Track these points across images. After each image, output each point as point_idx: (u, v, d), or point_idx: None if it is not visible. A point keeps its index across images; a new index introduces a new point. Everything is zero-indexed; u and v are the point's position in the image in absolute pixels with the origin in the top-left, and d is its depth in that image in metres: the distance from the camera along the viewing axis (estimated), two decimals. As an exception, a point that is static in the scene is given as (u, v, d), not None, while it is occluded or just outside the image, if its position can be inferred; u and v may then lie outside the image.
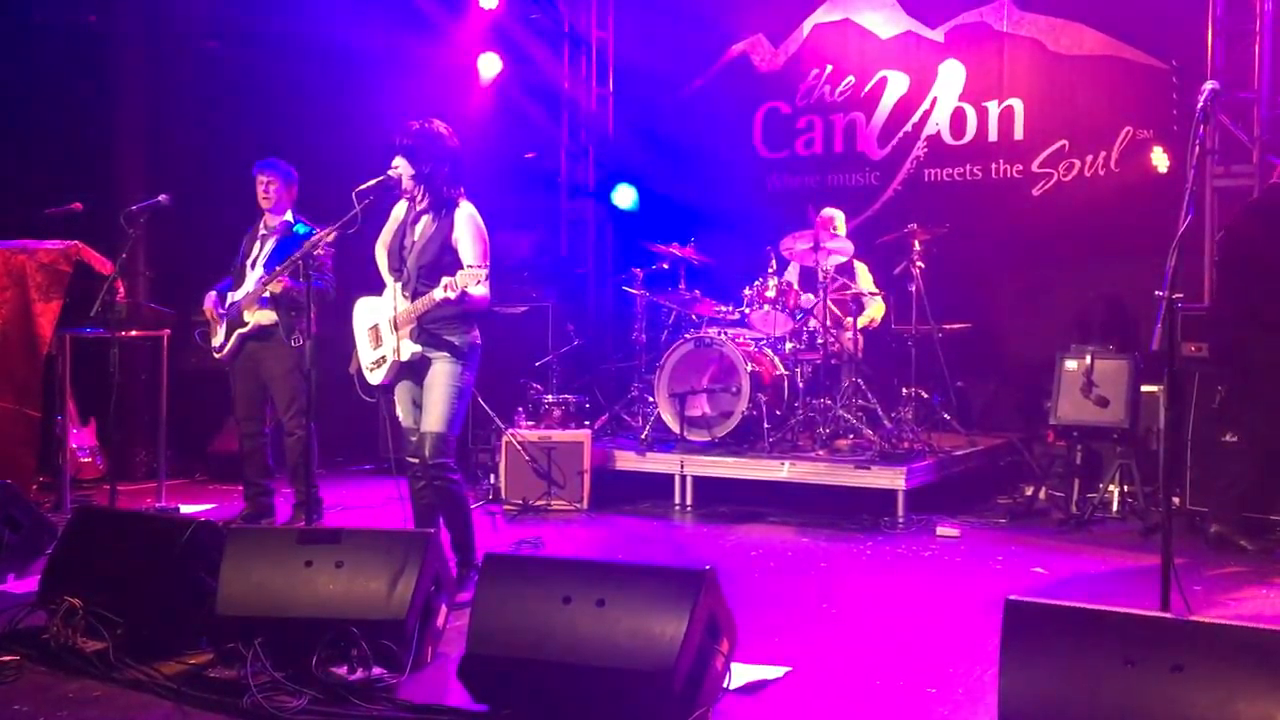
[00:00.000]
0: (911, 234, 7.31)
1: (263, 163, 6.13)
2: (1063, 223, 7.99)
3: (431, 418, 4.63)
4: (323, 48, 8.40)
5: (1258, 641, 2.74)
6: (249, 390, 6.14)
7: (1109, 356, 6.56)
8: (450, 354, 4.65)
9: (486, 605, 3.47)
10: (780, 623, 4.48)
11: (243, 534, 4.03)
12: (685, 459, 7.03)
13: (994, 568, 5.49)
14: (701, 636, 3.33)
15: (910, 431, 7.00)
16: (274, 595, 3.76)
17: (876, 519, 6.44)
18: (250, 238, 6.17)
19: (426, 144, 4.63)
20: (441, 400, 4.63)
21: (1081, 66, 8.02)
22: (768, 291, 7.28)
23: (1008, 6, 8.26)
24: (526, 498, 6.89)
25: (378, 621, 3.67)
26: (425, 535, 3.89)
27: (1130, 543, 5.96)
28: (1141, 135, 7.76)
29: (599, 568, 3.53)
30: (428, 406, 4.65)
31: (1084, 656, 2.82)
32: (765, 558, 5.71)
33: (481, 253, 4.63)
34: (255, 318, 6.00)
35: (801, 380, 7.33)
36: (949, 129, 8.52)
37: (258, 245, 6.12)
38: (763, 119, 9.24)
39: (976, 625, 4.32)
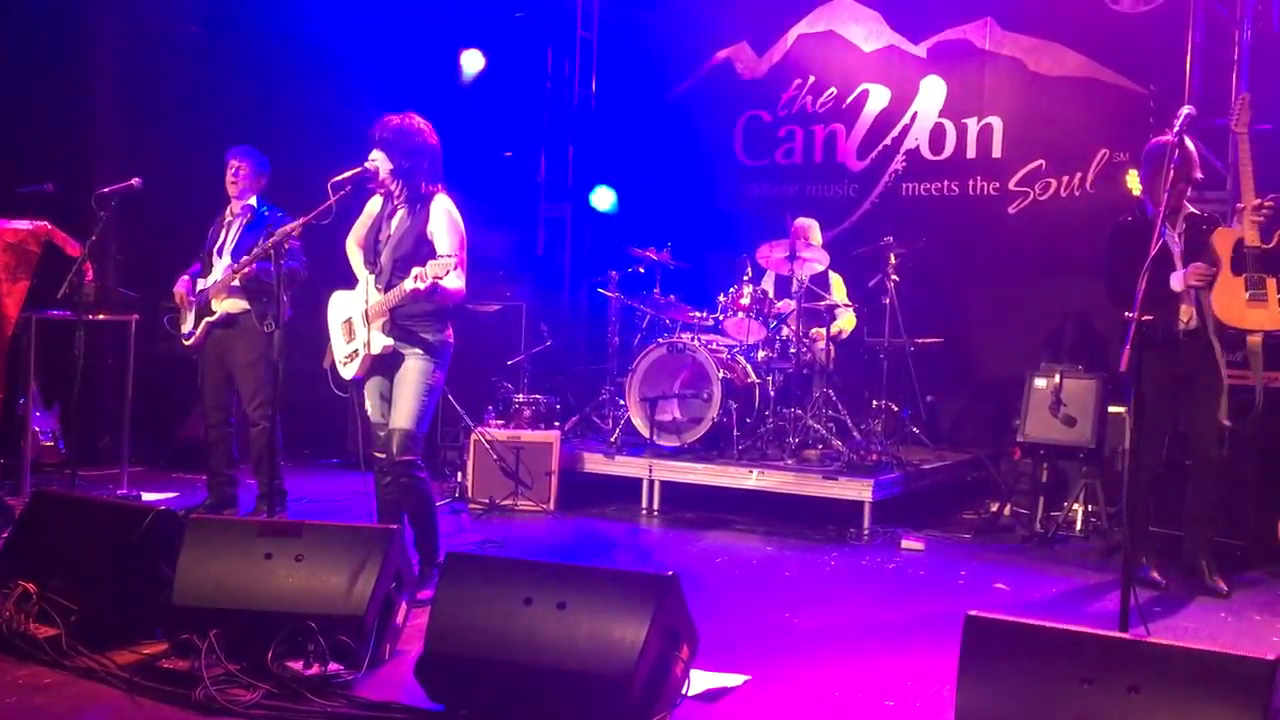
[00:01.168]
0: (887, 247, 7.34)
1: (235, 148, 6.10)
2: (1037, 241, 8.04)
3: (400, 414, 4.60)
4: (304, 38, 8.35)
5: (1213, 664, 2.76)
6: (216, 379, 6.09)
7: (1077, 376, 6.60)
8: (423, 350, 4.63)
9: (446, 604, 3.45)
10: (742, 631, 4.47)
11: (202, 524, 3.99)
12: (654, 463, 7.02)
13: (956, 583, 5.51)
14: (661, 642, 3.32)
15: (879, 444, 7.01)
16: (232, 587, 3.73)
17: (842, 530, 6.45)
18: (217, 224, 6.13)
19: (405, 138, 4.62)
20: (411, 397, 4.60)
21: (1061, 87, 8.07)
22: (742, 299, 7.29)
23: (990, 25, 8.31)
24: (493, 497, 6.86)
25: (336, 616, 3.64)
26: (387, 531, 3.87)
27: (1092, 562, 6.00)
28: (1118, 158, 7.81)
29: (561, 570, 3.51)
30: (397, 403, 4.62)
31: (1041, 674, 2.84)
32: (730, 565, 5.71)
33: (456, 244, 4.59)
34: (223, 306, 5.96)
35: (773, 389, 7.34)
36: (928, 144, 8.55)
37: (224, 232, 6.07)
38: (744, 126, 9.25)
39: (937, 639, 4.32)
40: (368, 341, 4.60)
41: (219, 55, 8.42)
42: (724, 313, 7.41)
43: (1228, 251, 4.95)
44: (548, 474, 6.91)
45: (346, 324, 4.73)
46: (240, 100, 8.20)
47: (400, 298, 4.50)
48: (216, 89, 8.31)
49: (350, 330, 4.72)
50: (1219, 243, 4.98)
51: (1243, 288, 4.91)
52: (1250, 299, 4.90)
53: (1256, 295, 4.89)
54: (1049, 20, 8.05)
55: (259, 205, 6.06)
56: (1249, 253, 4.89)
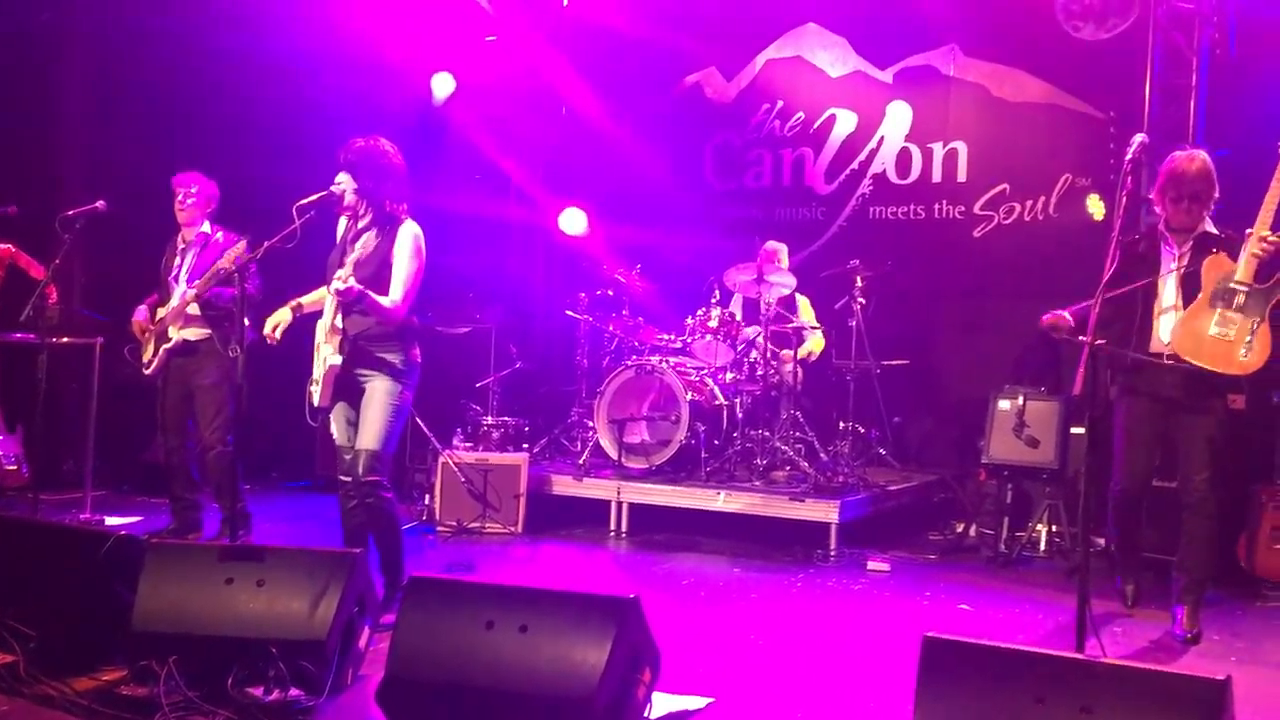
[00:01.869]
0: (854, 270, 7.41)
1: (182, 175, 6.07)
2: (1001, 265, 8.13)
3: (367, 435, 4.59)
4: (274, 61, 8.35)
5: (1164, 684, 2.80)
6: (175, 403, 6.04)
7: (1040, 398, 6.67)
8: (387, 373, 4.62)
9: (409, 628, 3.45)
10: (706, 653, 4.48)
11: (163, 549, 3.96)
12: (622, 485, 7.03)
13: (921, 603, 5.54)
14: (623, 665, 3.33)
15: (846, 465, 7.06)
16: (192, 612, 3.70)
17: (809, 551, 6.47)
18: (171, 251, 6.10)
19: (371, 160, 4.62)
20: (378, 419, 4.60)
21: (1024, 113, 8.19)
22: (710, 321, 7.33)
23: (954, 52, 8.42)
24: (461, 520, 6.85)
25: (298, 642, 3.62)
26: (350, 555, 3.86)
27: (1055, 582, 6.04)
28: (1080, 183, 7.93)
29: (523, 593, 3.51)
30: (363, 424, 4.61)
31: (996, 694, 2.86)
32: (697, 587, 5.72)
33: (410, 274, 4.60)
34: (181, 334, 5.93)
35: (741, 411, 7.38)
36: (894, 168, 8.65)
37: (178, 259, 6.05)
38: (713, 150, 9.33)
39: (899, 660, 4.34)
40: (326, 358, 4.59)
41: (187, 78, 8.40)
42: (692, 335, 7.44)
43: (1212, 281, 4.66)
44: (516, 496, 6.91)
45: (316, 348, 4.73)
46: (206, 124, 8.19)
47: (335, 308, 4.49)
48: (184, 111, 8.30)
49: (318, 353, 4.71)
50: (1208, 270, 4.68)
51: (1211, 321, 4.61)
52: (1214, 335, 4.58)
53: (1221, 334, 4.57)
54: (1012, 47, 8.18)
55: (211, 231, 6.04)
56: (1234, 288, 4.59)
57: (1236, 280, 4.61)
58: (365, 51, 8.67)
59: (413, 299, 4.64)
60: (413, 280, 4.62)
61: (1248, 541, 5.88)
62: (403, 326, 4.64)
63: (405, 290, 4.59)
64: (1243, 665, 4.60)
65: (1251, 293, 4.58)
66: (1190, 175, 4.75)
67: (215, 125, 8.18)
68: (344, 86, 8.48)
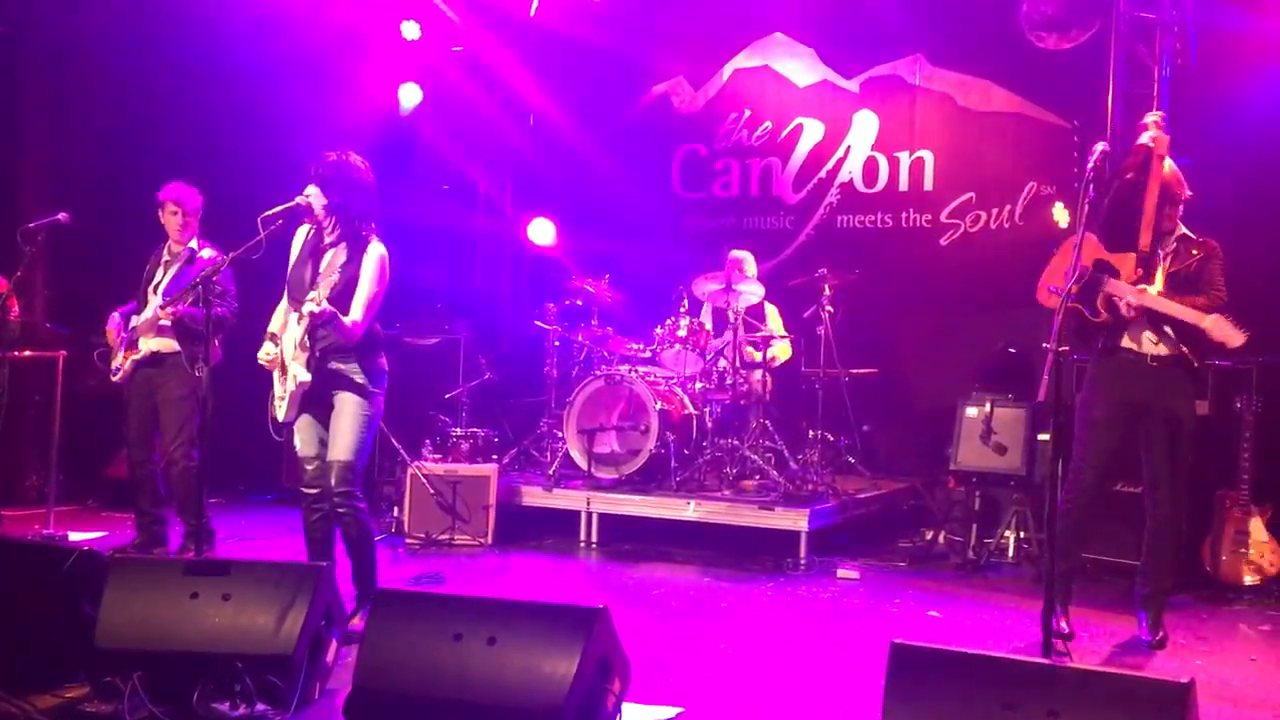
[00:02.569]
0: (822, 278, 7.43)
1: (172, 189, 6.00)
2: (968, 273, 8.19)
3: (339, 447, 4.57)
4: (239, 72, 8.30)
5: (1129, 687, 2.82)
6: (142, 417, 5.99)
7: (1007, 405, 6.72)
8: (357, 384, 4.61)
9: (376, 641, 3.43)
10: (676, 663, 4.48)
11: (127, 564, 3.93)
12: (592, 496, 7.02)
13: (890, 611, 5.56)
14: (592, 676, 3.32)
15: (815, 473, 7.07)
16: (157, 627, 3.67)
17: (779, 560, 6.48)
18: (154, 262, 6.05)
19: (341, 175, 4.60)
20: (350, 429, 4.58)
21: (989, 122, 8.26)
22: (679, 331, 7.34)
23: (920, 61, 8.49)
24: (430, 532, 6.81)
25: (264, 656, 3.59)
26: (317, 568, 3.83)
27: (1022, 588, 6.08)
28: (1045, 191, 8.00)
29: (491, 605, 3.50)
30: (335, 435, 4.59)
31: (964, 700, 2.88)
32: (667, 597, 5.72)
33: (372, 296, 4.58)
34: (150, 345, 5.88)
35: (710, 420, 7.38)
36: (862, 177, 8.70)
37: (160, 270, 6.00)
38: (681, 160, 9.35)
39: (869, 667, 4.35)
40: (295, 374, 4.55)
41: (151, 88, 8.33)
42: (661, 344, 7.45)
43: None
44: (485, 508, 6.88)
45: (283, 364, 4.68)
46: (171, 134, 8.12)
47: (306, 325, 4.46)
48: (149, 122, 8.23)
49: (284, 369, 4.67)
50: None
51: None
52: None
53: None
54: (977, 57, 8.24)
55: (199, 247, 5.99)
56: None
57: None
58: (331, 62, 8.64)
59: (372, 318, 4.62)
60: (375, 302, 4.61)
61: (1212, 546, 5.95)
62: (367, 337, 4.62)
63: (365, 312, 4.57)
64: (1208, 668, 4.64)
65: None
66: (1181, 176, 4.83)
67: (179, 136, 8.11)
68: (310, 97, 8.43)
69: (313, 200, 4.58)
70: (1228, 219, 6.21)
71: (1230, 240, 5.05)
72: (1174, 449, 4.78)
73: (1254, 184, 6.88)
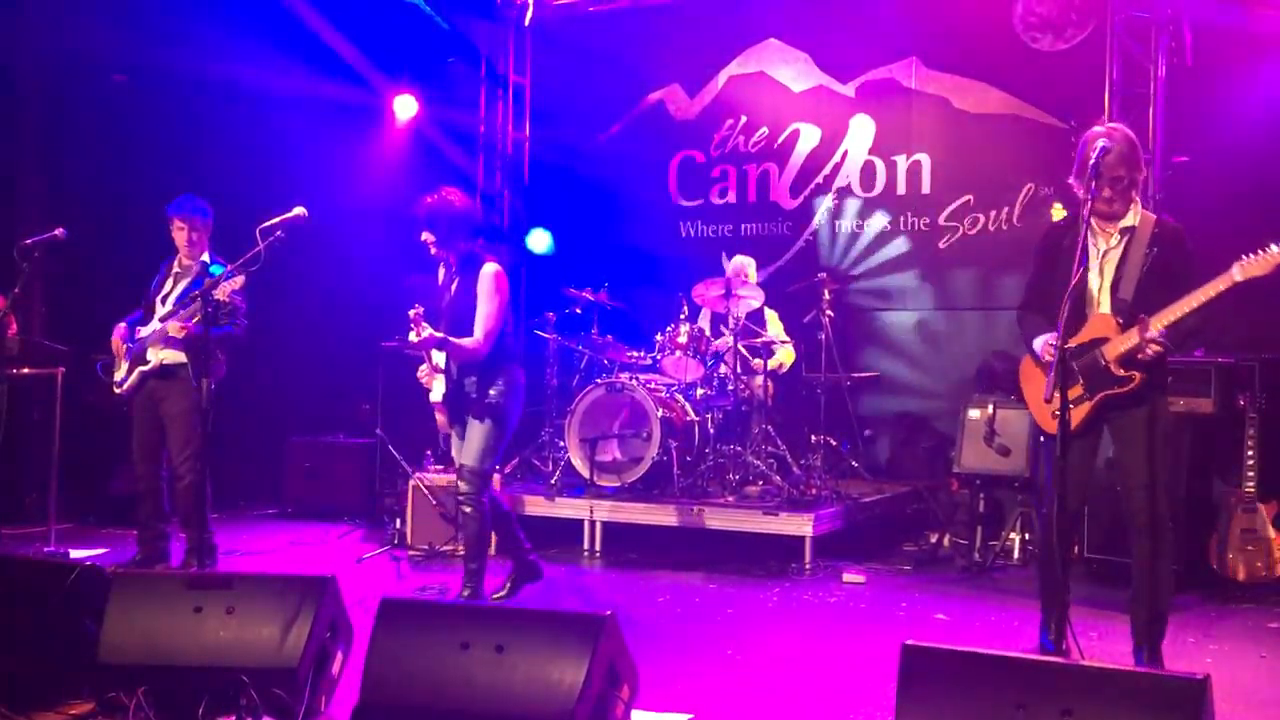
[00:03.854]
0: (821, 283, 7.42)
1: (182, 204, 5.98)
2: (968, 274, 8.18)
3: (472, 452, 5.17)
4: (234, 86, 8.29)
5: (1144, 685, 2.80)
6: (147, 431, 5.96)
7: (1010, 406, 6.70)
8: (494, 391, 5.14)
9: (382, 652, 3.40)
10: (684, 669, 4.45)
11: (129, 579, 3.89)
12: (595, 504, 6.99)
13: (897, 614, 5.54)
14: (601, 683, 3.29)
15: (818, 478, 7.05)
16: (160, 642, 3.64)
17: (784, 565, 6.46)
18: (164, 273, 6.03)
19: (439, 214, 5.09)
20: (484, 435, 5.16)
21: (986, 124, 8.25)
22: (679, 337, 7.32)
23: (915, 64, 8.49)
24: (433, 543, 6.79)
25: (269, 670, 3.56)
26: (321, 580, 3.80)
27: (1029, 589, 6.03)
28: (1043, 192, 8.00)
29: (498, 613, 3.49)
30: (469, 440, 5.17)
31: (977, 700, 2.85)
32: (672, 604, 5.69)
33: (491, 311, 5.12)
34: (159, 356, 5.85)
35: (712, 426, 7.36)
36: (859, 181, 8.69)
37: (170, 282, 5.98)
38: (678, 167, 9.34)
39: (878, 671, 4.33)
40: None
41: (146, 103, 8.32)
42: (661, 351, 7.43)
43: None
44: (488, 518, 6.84)
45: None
46: (167, 149, 8.10)
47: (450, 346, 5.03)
48: (144, 136, 8.21)
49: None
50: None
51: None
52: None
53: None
54: (972, 59, 8.25)
55: (211, 262, 5.96)
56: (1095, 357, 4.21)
57: (1107, 354, 4.19)
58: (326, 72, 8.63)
59: (496, 332, 5.14)
60: (496, 316, 5.12)
61: (1218, 544, 5.92)
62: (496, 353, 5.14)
63: (488, 328, 5.08)
64: (1217, 666, 4.62)
65: (1100, 374, 4.19)
66: (1109, 161, 4.07)
67: (178, 150, 8.10)
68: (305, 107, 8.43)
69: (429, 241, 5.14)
70: (1224, 217, 6.22)
71: (1227, 237, 5.01)
72: (1146, 442, 4.30)
73: (1250, 181, 6.88)
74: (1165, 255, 4.18)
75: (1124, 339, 4.13)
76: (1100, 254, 4.25)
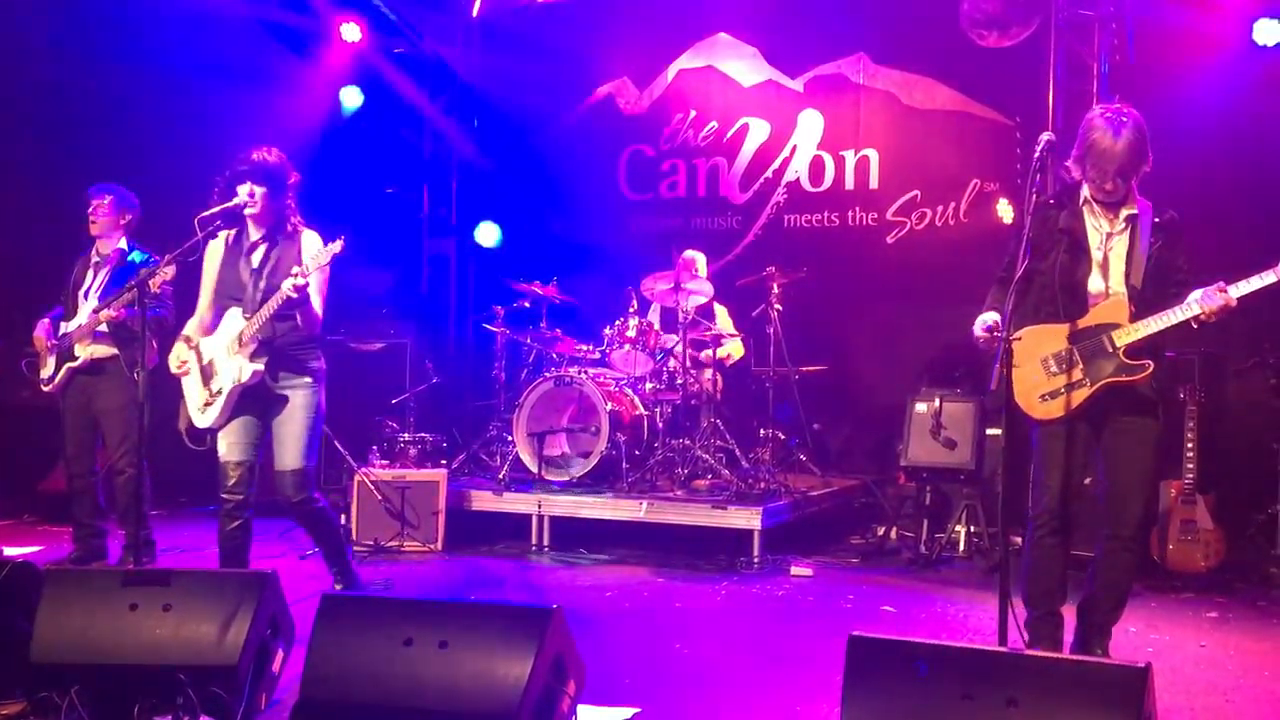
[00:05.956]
0: (770, 277, 7.43)
1: (97, 185, 5.88)
2: (915, 269, 8.23)
3: (295, 452, 4.57)
4: (174, 76, 8.13)
5: (1088, 673, 2.82)
6: (80, 426, 5.83)
7: (956, 399, 6.75)
8: (310, 378, 4.61)
9: (323, 648, 3.33)
10: (631, 663, 4.42)
11: (62, 576, 3.79)
12: (543, 499, 6.94)
13: (845, 607, 5.55)
14: (547, 678, 3.26)
15: (767, 472, 7.05)
16: (95, 640, 3.55)
17: (733, 559, 6.46)
18: (82, 265, 5.89)
19: (273, 172, 4.58)
20: (304, 432, 4.58)
21: (933, 120, 8.31)
22: (628, 331, 7.30)
23: (863, 60, 8.53)
24: (378, 539, 6.71)
25: (207, 667, 3.49)
26: (262, 576, 3.73)
27: (975, 581, 6.11)
28: (988, 187, 8.08)
29: (442, 608, 3.43)
30: (289, 439, 4.58)
31: (924, 691, 2.85)
32: (620, 598, 5.66)
33: (323, 281, 4.60)
34: (88, 351, 5.72)
35: (661, 420, 7.34)
36: (808, 176, 8.72)
37: (90, 273, 5.84)
38: (627, 160, 9.32)
39: (825, 663, 4.34)
40: (238, 372, 4.46)
41: (79, 91, 8.13)
42: (610, 345, 7.40)
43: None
44: (434, 513, 6.78)
45: (206, 366, 4.58)
46: (102, 139, 7.92)
47: (278, 303, 4.40)
48: (77, 126, 8.03)
49: (209, 371, 4.57)
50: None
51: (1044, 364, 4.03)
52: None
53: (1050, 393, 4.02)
54: (919, 55, 8.30)
55: (129, 249, 5.84)
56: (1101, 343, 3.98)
57: (1117, 340, 3.95)
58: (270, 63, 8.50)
59: (324, 307, 4.62)
60: (325, 287, 4.62)
61: (1159, 535, 6.00)
62: (311, 331, 4.61)
63: (322, 297, 4.60)
64: (1159, 655, 4.68)
65: (1107, 360, 3.94)
66: (1116, 153, 3.87)
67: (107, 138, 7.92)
68: (247, 98, 8.28)
69: (254, 199, 4.51)
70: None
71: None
72: (1143, 463, 4.09)
73: (1190, 180, 6.96)
74: (1168, 248, 4.02)
75: (1136, 327, 3.91)
76: (1104, 238, 4.04)
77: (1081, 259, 4.00)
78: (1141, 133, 3.89)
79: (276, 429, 4.59)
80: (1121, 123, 3.86)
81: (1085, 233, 4.02)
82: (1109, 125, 3.86)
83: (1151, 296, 3.98)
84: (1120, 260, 4.01)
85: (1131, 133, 3.85)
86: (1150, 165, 3.95)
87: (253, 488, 4.60)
